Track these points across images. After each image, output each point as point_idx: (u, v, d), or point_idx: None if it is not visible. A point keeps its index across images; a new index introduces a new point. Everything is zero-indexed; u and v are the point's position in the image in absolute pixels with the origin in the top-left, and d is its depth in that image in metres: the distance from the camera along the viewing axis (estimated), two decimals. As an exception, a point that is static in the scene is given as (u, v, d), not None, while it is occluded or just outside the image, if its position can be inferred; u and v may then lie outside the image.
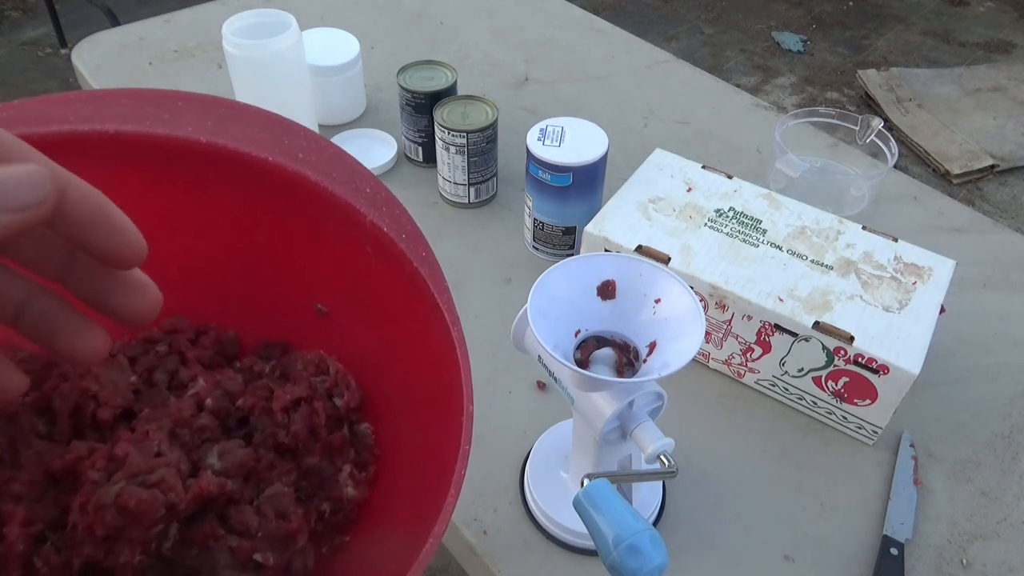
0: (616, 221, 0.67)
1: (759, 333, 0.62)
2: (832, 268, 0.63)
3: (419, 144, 0.86)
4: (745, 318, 0.62)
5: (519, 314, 0.49)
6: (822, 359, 0.60)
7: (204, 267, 0.41)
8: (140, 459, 0.34)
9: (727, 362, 0.66)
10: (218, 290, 0.42)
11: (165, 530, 0.33)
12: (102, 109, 0.31)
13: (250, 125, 0.34)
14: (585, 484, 0.42)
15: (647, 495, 0.57)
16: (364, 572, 0.37)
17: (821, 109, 0.85)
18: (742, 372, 0.66)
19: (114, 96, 0.32)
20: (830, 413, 0.63)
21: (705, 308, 0.63)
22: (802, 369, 0.62)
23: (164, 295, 0.30)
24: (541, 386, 0.66)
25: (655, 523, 0.57)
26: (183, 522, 0.34)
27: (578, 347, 0.47)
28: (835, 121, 0.86)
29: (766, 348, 0.62)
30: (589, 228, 0.66)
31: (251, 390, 0.40)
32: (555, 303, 0.45)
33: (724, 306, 0.62)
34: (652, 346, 0.45)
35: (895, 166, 0.80)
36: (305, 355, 0.43)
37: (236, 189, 0.36)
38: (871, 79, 2.51)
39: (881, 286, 0.62)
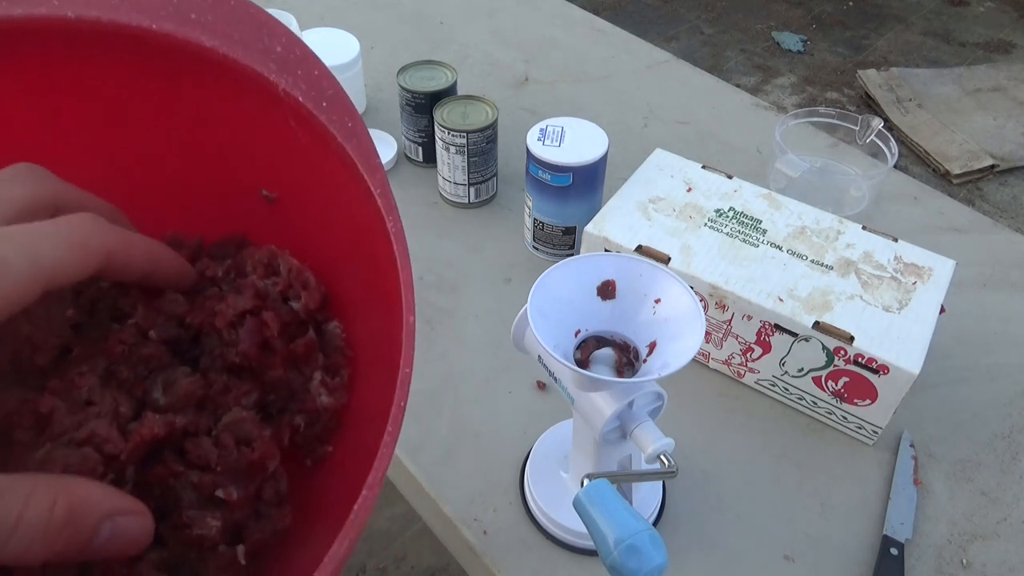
0: (616, 221, 0.67)
1: (759, 333, 0.62)
2: (832, 268, 0.63)
3: (419, 144, 0.86)
4: (745, 318, 0.62)
5: (519, 314, 0.49)
6: (822, 359, 0.60)
7: (126, 169, 0.36)
8: (66, 413, 0.30)
9: (727, 362, 0.66)
10: (148, 193, 0.37)
11: (116, 480, 0.30)
12: None
13: None
14: (585, 484, 0.42)
15: (647, 495, 0.57)
16: (351, 481, 0.33)
17: (821, 109, 0.85)
18: (742, 372, 0.66)
19: None
20: (830, 413, 0.63)
21: (705, 308, 0.63)
22: (802, 369, 0.62)
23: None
24: (541, 386, 0.66)
25: (655, 523, 0.57)
26: (138, 464, 0.31)
27: (578, 347, 0.47)
28: (835, 121, 0.86)
29: (766, 348, 0.62)
30: (589, 228, 0.66)
31: (199, 303, 0.35)
32: (555, 303, 0.45)
33: (724, 306, 0.62)
34: (652, 346, 0.45)
35: (895, 166, 0.80)
36: (255, 252, 0.37)
37: (129, 69, 0.30)
38: (871, 79, 2.51)
39: (881, 286, 0.62)
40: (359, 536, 0.24)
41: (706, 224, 0.67)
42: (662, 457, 0.45)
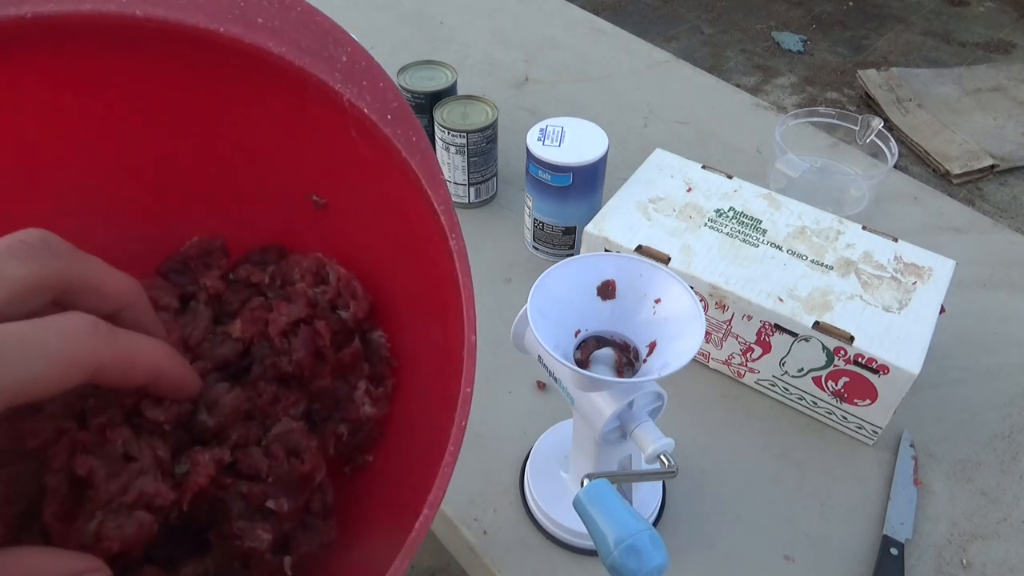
0: (616, 221, 0.67)
1: (759, 333, 0.62)
2: (832, 268, 0.63)
3: (419, 144, 0.86)
4: (745, 318, 0.62)
5: (519, 314, 0.49)
6: (822, 359, 0.60)
7: (173, 166, 0.35)
8: (107, 475, 0.28)
9: (727, 362, 0.66)
10: (197, 194, 0.36)
11: (166, 518, 0.29)
12: None
13: None
14: (585, 484, 0.42)
15: (647, 495, 0.57)
16: (390, 492, 0.34)
17: (821, 109, 0.85)
18: (742, 372, 0.66)
19: None
20: (830, 413, 0.63)
21: (705, 308, 0.63)
22: (802, 369, 0.62)
23: (137, 209, 0.28)
24: (541, 386, 0.66)
25: (655, 523, 0.57)
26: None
27: (578, 347, 0.47)
28: (835, 121, 0.86)
29: (766, 348, 0.62)
30: (589, 228, 0.66)
31: (247, 313, 0.34)
32: (555, 303, 0.45)
33: (724, 306, 0.62)
34: (652, 346, 0.45)
35: (895, 166, 0.80)
36: (302, 260, 0.37)
37: (189, 70, 0.30)
38: (871, 79, 2.51)
39: (881, 286, 0.62)
40: (415, 554, 0.24)
41: (706, 224, 0.67)
42: (662, 457, 0.45)
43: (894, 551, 0.55)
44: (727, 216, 0.67)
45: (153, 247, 0.36)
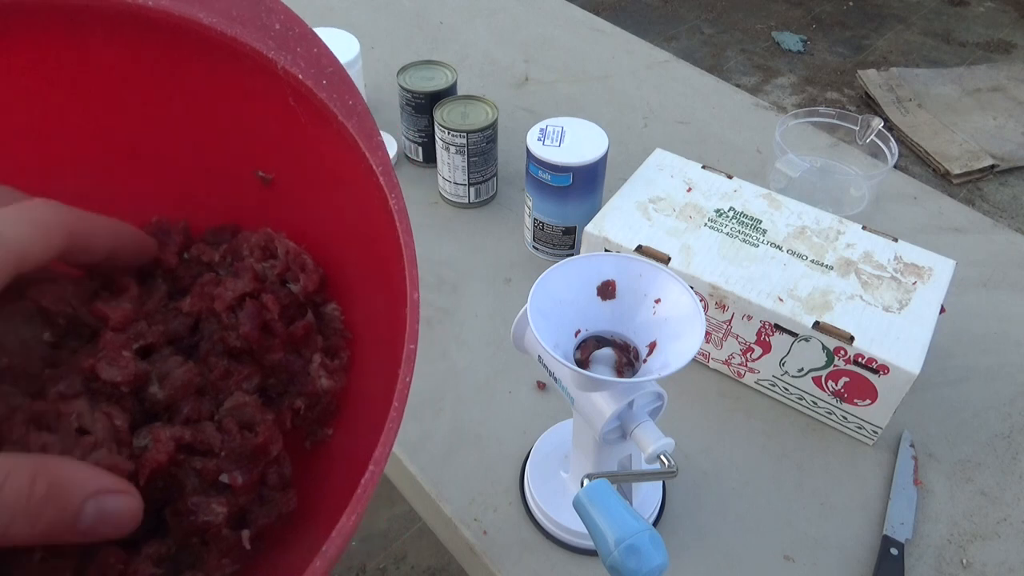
0: (616, 221, 0.67)
1: (759, 333, 0.62)
2: (832, 268, 0.63)
3: (419, 144, 0.86)
4: (745, 318, 0.62)
5: (519, 314, 0.49)
6: (822, 359, 0.60)
7: (121, 147, 0.35)
8: (60, 450, 0.28)
9: (727, 362, 0.66)
10: (142, 175, 0.36)
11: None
12: None
13: None
14: (585, 484, 0.42)
15: (647, 495, 0.57)
16: (351, 464, 0.33)
17: (821, 109, 0.85)
18: (742, 372, 0.66)
19: None
20: (830, 413, 0.63)
21: (705, 308, 0.63)
22: (802, 369, 0.62)
23: (87, 187, 0.29)
24: (541, 386, 0.66)
25: (655, 523, 0.57)
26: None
27: (578, 347, 0.47)
28: (835, 121, 0.86)
29: (766, 348, 0.62)
30: (589, 228, 0.66)
31: (197, 288, 0.34)
32: (555, 303, 0.45)
33: (724, 306, 0.62)
34: (652, 346, 0.45)
35: (895, 166, 0.80)
36: (250, 236, 0.37)
37: (126, 47, 0.30)
38: (871, 79, 2.51)
39: (881, 286, 0.62)
40: (364, 512, 0.23)
41: (706, 224, 0.67)
42: (662, 457, 0.45)
43: (894, 551, 0.55)
44: (727, 216, 0.67)
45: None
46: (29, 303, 0.31)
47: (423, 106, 0.83)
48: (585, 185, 0.72)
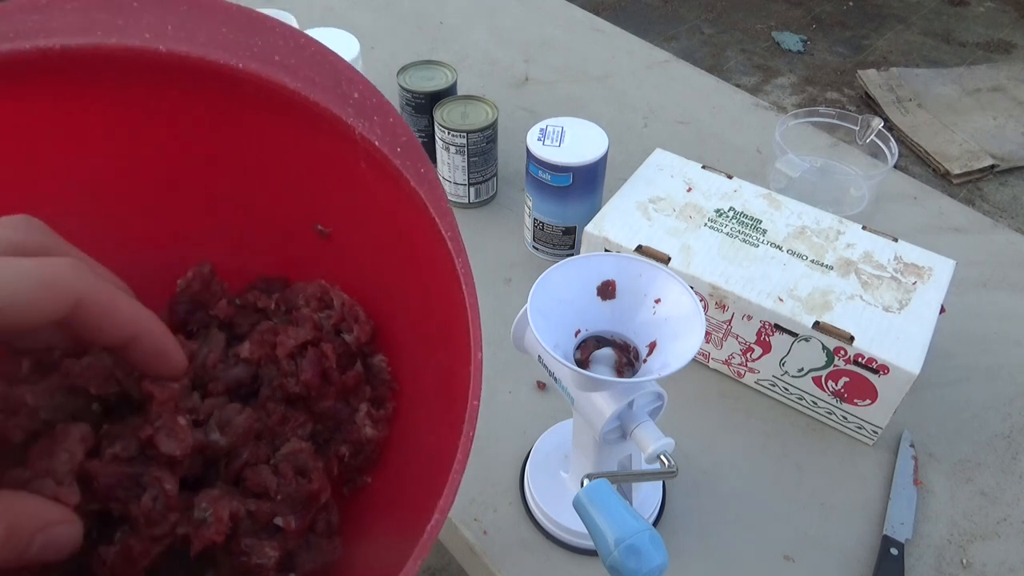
0: (616, 221, 0.67)
1: (759, 333, 0.62)
2: (832, 268, 0.63)
3: (419, 144, 0.86)
4: (745, 318, 0.62)
5: (519, 314, 0.49)
6: (822, 359, 0.60)
7: (186, 196, 0.36)
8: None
9: (727, 362, 0.66)
10: (202, 219, 0.37)
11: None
12: (47, 20, 0.26)
13: (217, 24, 0.29)
14: (585, 484, 0.42)
15: (647, 495, 0.57)
16: (388, 512, 0.35)
17: (821, 109, 0.85)
18: (742, 372, 0.66)
19: (60, 3, 0.27)
20: (830, 413, 0.63)
21: (705, 308, 0.63)
22: (802, 369, 0.62)
23: (143, 232, 0.29)
24: (541, 386, 0.66)
25: (655, 523, 0.57)
26: (191, 487, 0.31)
27: (578, 347, 0.47)
28: (835, 121, 0.86)
29: (766, 348, 0.62)
30: (589, 228, 0.66)
31: (256, 336, 0.36)
32: (555, 303, 0.45)
33: (724, 306, 0.62)
34: (652, 346, 0.45)
35: (895, 166, 0.80)
36: (306, 287, 0.38)
37: (207, 103, 0.31)
38: (871, 79, 2.51)
39: (881, 286, 0.62)
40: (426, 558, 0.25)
41: (706, 224, 0.67)
42: (662, 457, 0.45)
43: (894, 551, 0.55)
44: (727, 216, 0.67)
45: (163, 273, 0.38)
46: (68, 379, 0.31)
47: (423, 106, 0.83)
48: (585, 185, 0.72)
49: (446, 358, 0.32)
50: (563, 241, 0.76)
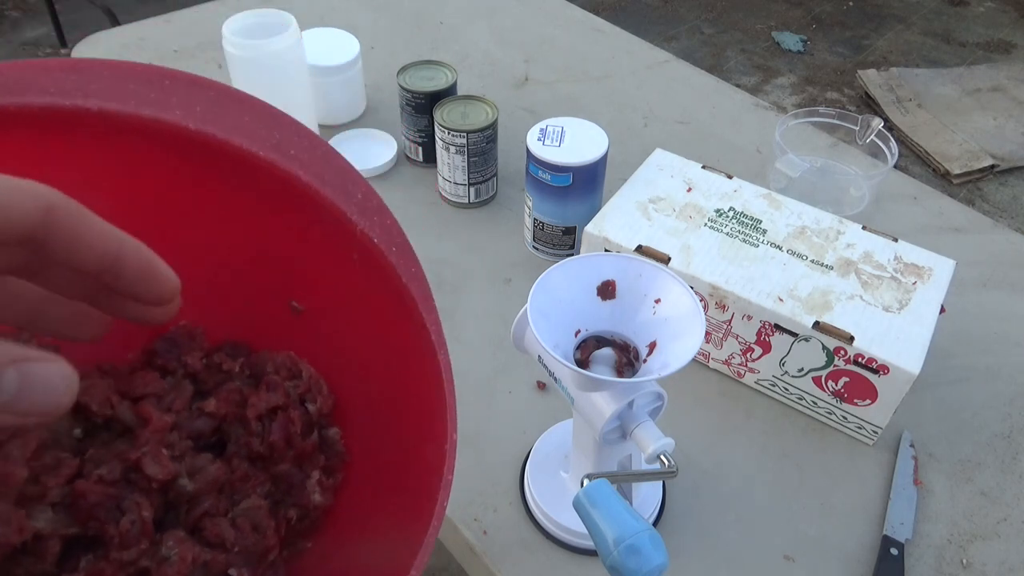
0: (616, 221, 0.67)
1: (759, 333, 0.62)
2: (832, 268, 0.63)
3: (419, 144, 0.86)
4: (745, 318, 0.62)
5: (519, 314, 0.49)
6: (822, 359, 0.60)
7: (179, 258, 0.37)
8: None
9: (727, 362, 0.66)
10: (191, 283, 0.38)
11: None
12: (85, 82, 0.28)
13: (240, 113, 0.32)
14: (585, 484, 0.42)
15: (647, 495, 0.57)
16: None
17: (821, 109, 0.85)
18: (742, 372, 0.66)
19: (96, 68, 0.29)
20: (830, 413, 0.63)
21: (705, 308, 0.63)
22: (802, 369, 0.62)
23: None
24: (541, 386, 0.66)
25: (655, 523, 0.57)
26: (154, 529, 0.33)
27: (578, 347, 0.47)
28: (835, 121, 0.86)
29: (766, 348, 0.62)
30: (589, 228, 0.66)
31: (222, 394, 0.39)
32: (555, 303, 0.45)
33: (724, 306, 0.62)
34: (652, 346, 0.45)
35: (895, 166, 0.80)
36: (275, 356, 0.41)
37: (221, 181, 0.34)
38: (871, 79, 2.51)
39: (881, 286, 0.62)
40: None
41: (706, 224, 0.67)
42: (662, 457, 0.45)
43: (894, 551, 0.55)
44: (727, 216, 0.67)
45: (139, 325, 0.39)
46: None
47: (423, 106, 0.83)
48: (585, 185, 0.72)
49: (410, 436, 0.35)
50: (563, 241, 0.76)
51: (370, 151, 0.88)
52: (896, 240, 0.66)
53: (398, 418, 0.38)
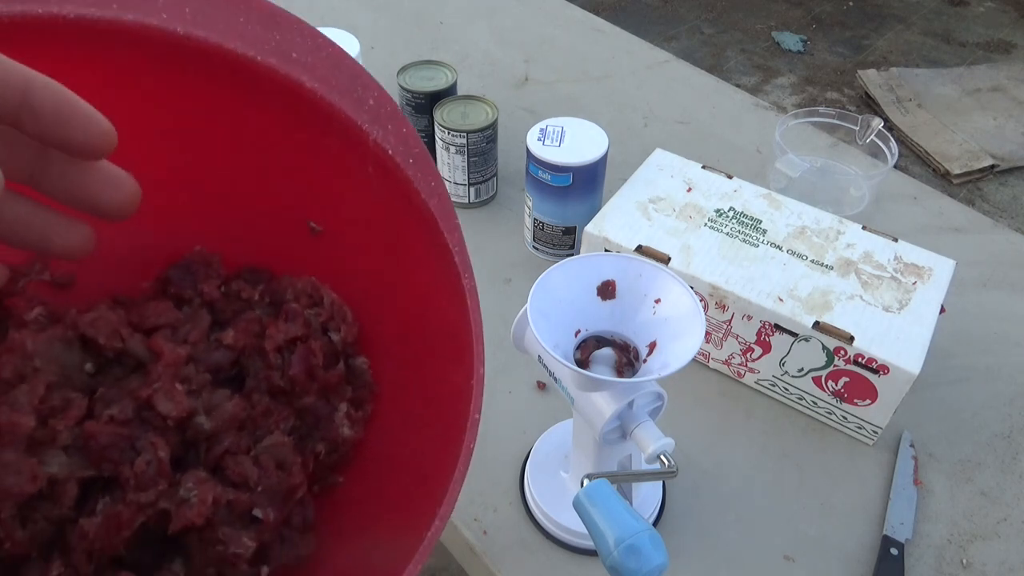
0: (616, 221, 0.67)
1: (759, 333, 0.62)
2: (832, 268, 0.63)
3: (419, 144, 0.86)
4: (745, 318, 0.62)
5: (519, 314, 0.49)
6: (822, 359, 0.60)
7: (181, 178, 0.36)
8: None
9: (727, 362, 0.66)
10: (199, 204, 0.37)
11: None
12: None
13: (234, 13, 0.28)
14: (585, 484, 0.42)
15: (647, 495, 0.57)
16: (360, 515, 0.35)
17: (821, 109, 0.85)
18: (742, 372, 0.66)
19: None
20: (830, 413, 0.63)
21: (705, 308, 0.63)
22: (802, 369, 0.62)
23: (147, 215, 0.27)
24: (541, 386, 0.66)
25: (655, 523, 0.57)
26: (173, 469, 0.31)
27: (578, 347, 0.47)
28: (835, 121, 0.86)
29: (766, 348, 0.62)
30: (589, 228, 0.66)
31: (241, 324, 0.36)
32: (555, 303, 0.45)
33: (724, 306, 0.62)
34: (652, 346, 0.45)
35: (895, 166, 0.80)
36: (296, 282, 0.38)
37: (217, 91, 0.31)
38: (871, 79, 2.51)
39: (881, 286, 0.62)
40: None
41: (706, 224, 0.67)
42: (662, 457, 0.45)
43: (894, 551, 0.55)
44: (727, 216, 0.67)
45: (154, 252, 0.37)
46: (72, 332, 0.32)
47: (423, 106, 0.83)
48: (585, 185, 0.72)
49: (437, 368, 0.32)
50: (563, 241, 0.76)
51: (370, 151, 0.88)
52: (896, 240, 0.66)
53: (425, 347, 0.35)
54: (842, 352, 0.59)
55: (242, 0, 0.29)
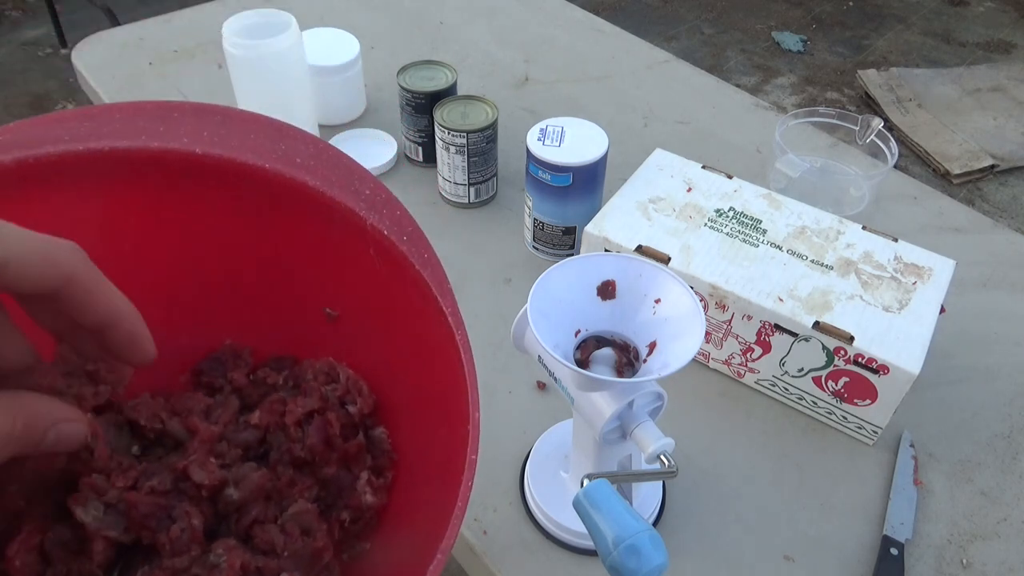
0: (616, 221, 0.67)
1: (759, 333, 0.62)
2: (832, 268, 0.63)
3: (419, 144, 0.86)
4: (745, 318, 0.62)
5: (519, 314, 0.49)
6: (822, 359, 0.60)
7: (211, 281, 0.40)
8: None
9: (727, 362, 0.66)
10: (225, 303, 0.41)
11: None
12: (98, 127, 0.31)
13: (246, 132, 0.34)
14: (585, 484, 0.42)
15: (647, 495, 0.57)
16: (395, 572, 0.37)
17: (821, 109, 0.85)
18: (742, 372, 0.66)
19: (110, 112, 0.32)
20: (830, 413, 0.63)
21: (705, 308, 0.63)
22: (802, 369, 0.62)
23: (172, 313, 0.31)
24: (541, 386, 0.66)
25: (655, 523, 0.57)
26: (206, 540, 0.33)
27: (578, 347, 0.47)
28: (835, 121, 0.86)
29: (766, 348, 0.62)
30: (589, 228, 0.66)
31: (266, 405, 0.39)
32: (555, 303, 0.45)
33: (724, 306, 0.62)
34: (652, 346, 0.45)
35: (895, 166, 0.80)
36: (315, 364, 0.42)
37: (236, 199, 0.35)
38: (871, 79, 2.51)
39: (881, 286, 0.62)
40: None
41: (706, 224, 0.67)
42: (662, 457, 0.45)
43: (894, 551, 0.55)
44: (727, 216, 0.67)
45: (190, 351, 0.42)
46: (121, 416, 0.36)
47: (423, 106, 0.83)
48: (585, 185, 0.72)
49: (445, 429, 0.35)
50: (563, 241, 0.76)
51: (370, 151, 0.88)
52: (896, 240, 0.66)
53: (431, 407, 0.38)
54: (842, 352, 0.59)
55: (252, 120, 0.34)
